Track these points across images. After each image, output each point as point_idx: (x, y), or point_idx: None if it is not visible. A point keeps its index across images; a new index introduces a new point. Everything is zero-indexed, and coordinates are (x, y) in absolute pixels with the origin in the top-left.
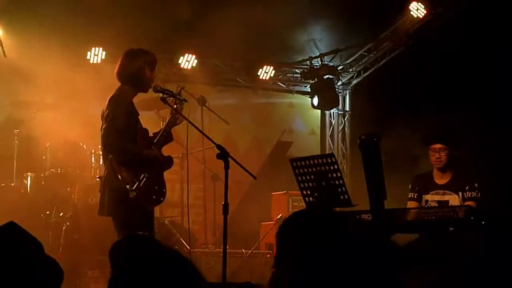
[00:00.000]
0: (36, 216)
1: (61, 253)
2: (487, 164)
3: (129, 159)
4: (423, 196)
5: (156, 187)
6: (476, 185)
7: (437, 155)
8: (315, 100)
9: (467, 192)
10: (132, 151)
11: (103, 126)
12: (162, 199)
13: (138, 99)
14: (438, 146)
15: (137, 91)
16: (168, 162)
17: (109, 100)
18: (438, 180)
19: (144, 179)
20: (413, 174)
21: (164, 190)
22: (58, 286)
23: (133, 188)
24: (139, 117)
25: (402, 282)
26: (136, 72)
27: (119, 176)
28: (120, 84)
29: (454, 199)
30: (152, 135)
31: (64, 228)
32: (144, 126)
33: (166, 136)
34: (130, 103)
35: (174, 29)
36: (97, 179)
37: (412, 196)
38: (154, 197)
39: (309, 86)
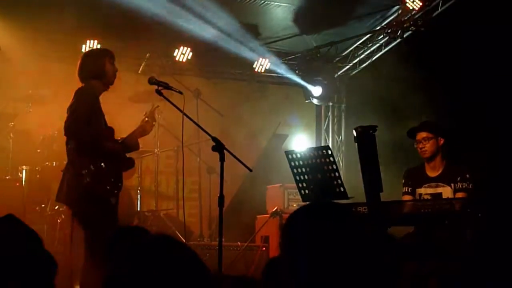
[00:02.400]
0: (31, 209)
1: (57, 246)
2: (480, 155)
3: (89, 144)
4: (416, 189)
5: (112, 180)
6: (468, 176)
7: (420, 145)
8: (315, 92)
9: (459, 183)
10: (92, 135)
11: (66, 116)
12: (116, 191)
13: (132, 92)
14: (421, 135)
15: (105, 86)
16: (128, 162)
17: (75, 93)
18: (430, 173)
19: (100, 168)
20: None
21: (120, 184)
22: (52, 279)
23: (88, 173)
24: (105, 117)
25: (399, 274)
26: (101, 71)
27: (77, 162)
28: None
29: (447, 191)
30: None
31: (59, 221)
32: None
33: (129, 144)
34: (95, 97)
35: (169, 21)
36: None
37: (406, 190)
38: (108, 187)
39: (304, 78)
